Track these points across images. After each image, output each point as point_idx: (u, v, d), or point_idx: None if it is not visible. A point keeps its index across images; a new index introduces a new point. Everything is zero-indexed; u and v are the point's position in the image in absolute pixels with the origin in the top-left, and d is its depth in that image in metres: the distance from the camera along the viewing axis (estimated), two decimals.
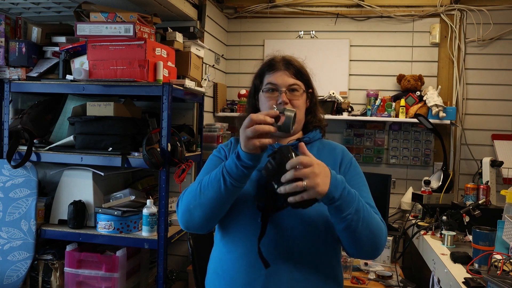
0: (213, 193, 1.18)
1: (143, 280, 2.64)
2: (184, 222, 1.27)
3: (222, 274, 1.29)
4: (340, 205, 1.11)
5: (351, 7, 3.30)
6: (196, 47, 2.70)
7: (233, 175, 1.14)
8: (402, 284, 2.43)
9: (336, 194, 1.08)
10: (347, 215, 1.12)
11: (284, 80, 1.34)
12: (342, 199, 1.10)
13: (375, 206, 1.30)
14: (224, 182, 1.15)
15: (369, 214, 1.18)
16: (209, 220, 1.24)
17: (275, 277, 1.22)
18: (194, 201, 1.22)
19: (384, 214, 2.69)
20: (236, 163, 1.13)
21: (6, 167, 2.42)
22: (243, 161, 1.12)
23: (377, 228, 1.21)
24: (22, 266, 2.35)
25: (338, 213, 1.12)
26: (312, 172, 1.03)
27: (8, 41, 2.43)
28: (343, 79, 3.31)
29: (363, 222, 1.15)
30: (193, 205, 1.22)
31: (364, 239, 1.18)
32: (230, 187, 1.15)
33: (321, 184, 1.04)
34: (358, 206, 1.13)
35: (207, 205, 1.20)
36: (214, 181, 1.18)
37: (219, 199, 1.18)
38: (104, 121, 2.32)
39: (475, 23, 3.11)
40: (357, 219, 1.13)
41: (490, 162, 2.72)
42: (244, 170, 1.13)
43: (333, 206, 1.11)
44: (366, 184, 1.35)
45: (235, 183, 1.15)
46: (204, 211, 1.21)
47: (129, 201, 2.40)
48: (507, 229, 1.82)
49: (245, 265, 1.24)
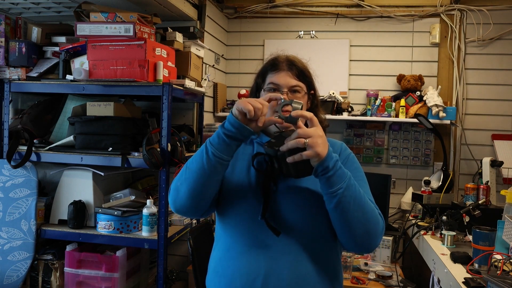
0: (197, 165, 1.19)
1: (143, 280, 2.64)
2: (172, 201, 1.27)
3: (222, 272, 1.29)
4: (332, 176, 1.13)
5: (351, 7, 3.30)
6: (196, 47, 2.70)
7: (214, 144, 1.16)
8: (402, 284, 2.43)
9: (330, 163, 1.12)
10: (337, 189, 1.13)
11: (286, 81, 1.33)
12: (335, 171, 1.13)
13: (374, 201, 1.30)
14: (206, 152, 1.17)
15: (362, 197, 1.18)
16: (194, 197, 1.22)
17: (274, 275, 1.22)
18: (181, 178, 1.24)
19: (384, 214, 2.69)
20: (219, 131, 1.16)
21: (6, 167, 2.42)
22: (225, 128, 1.14)
23: (370, 212, 1.20)
24: (22, 266, 2.35)
25: (329, 187, 1.14)
26: (316, 132, 1.10)
27: (8, 41, 2.43)
28: (343, 79, 3.31)
29: (355, 202, 1.15)
30: (180, 182, 1.24)
31: (356, 223, 1.17)
32: (212, 157, 1.16)
33: (321, 146, 1.10)
34: (349, 182, 1.15)
35: (191, 178, 1.20)
36: (198, 154, 1.20)
37: (202, 172, 1.18)
38: (104, 121, 2.32)
39: (475, 23, 3.11)
40: (348, 196, 1.14)
41: (490, 162, 2.72)
42: (225, 138, 1.14)
43: (325, 178, 1.13)
44: (365, 179, 1.34)
45: (217, 152, 1.15)
46: (188, 186, 1.21)
47: (129, 201, 2.40)
48: (507, 229, 1.82)
49: (244, 264, 1.24)
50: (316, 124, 1.13)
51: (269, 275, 1.22)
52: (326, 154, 1.11)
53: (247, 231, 1.25)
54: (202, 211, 1.28)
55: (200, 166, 1.18)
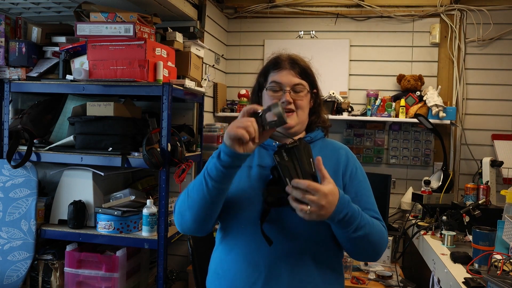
0: (198, 195, 1.19)
1: (143, 280, 2.64)
2: (178, 224, 1.30)
3: (222, 274, 1.29)
4: (341, 225, 1.16)
5: (351, 7, 3.30)
6: (196, 47, 2.70)
7: (213, 176, 1.14)
8: (402, 284, 2.43)
9: (337, 217, 1.13)
10: (347, 231, 1.17)
11: (288, 79, 1.33)
12: (343, 221, 1.14)
13: (378, 211, 1.33)
14: (206, 184, 1.16)
15: (372, 228, 1.21)
16: (200, 222, 1.24)
17: (275, 277, 1.22)
18: (184, 205, 1.24)
19: (384, 214, 2.69)
20: (216, 163, 1.13)
21: (6, 167, 2.42)
22: (222, 160, 1.12)
23: (379, 238, 1.25)
24: (22, 266, 2.35)
25: (339, 228, 1.18)
26: (318, 203, 1.07)
27: (8, 41, 2.43)
28: (343, 79, 3.31)
29: (364, 236, 1.19)
30: (183, 208, 1.25)
31: (365, 248, 1.23)
32: (212, 189, 1.16)
33: (323, 215, 1.09)
34: (360, 224, 1.17)
35: (194, 207, 1.21)
36: (198, 184, 1.19)
37: (205, 201, 1.19)
38: (104, 121, 2.32)
39: (475, 23, 3.11)
40: (358, 234, 1.17)
41: (490, 162, 2.72)
42: (223, 169, 1.12)
43: (333, 223, 1.16)
44: (370, 189, 1.37)
45: (216, 184, 1.15)
46: (193, 213, 1.22)
47: (129, 201, 2.40)
48: (507, 229, 1.82)
49: (245, 266, 1.24)
50: (324, 172, 1.11)
51: (269, 278, 1.22)
52: (329, 215, 1.10)
53: (249, 234, 1.25)
54: (208, 230, 1.30)
55: (202, 197, 1.18)
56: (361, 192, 1.32)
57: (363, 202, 1.31)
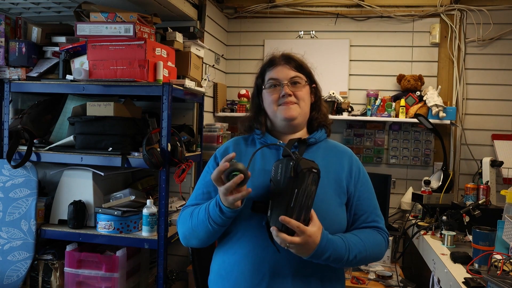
0: (203, 231, 1.26)
1: (143, 280, 2.64)
2: (185, 244, 1.37)
3: (226, 275, 1.29)
4: (329, 263, 1.21)
5: (351, 7, 3.30)
6: (196, 47, 2.70)
7: (218, 222, 1.22)
8: (402, 284, 2.43)
9: (321, 259, 1.18)
10: (339, 265, 1.25)
11: (285, 73, 1.33)
12: (330, 260, 1.20)
13: (380, 214, 1.35)
14: (210, 225, 1.23)
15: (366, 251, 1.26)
16: (207, 243, 1.32)
17: (279, 279, 1.22)
18: (189, 233, 1.31)
19: (384, 214, 2.69)
20: (220, 215, 1.20)
21: (6, 167, 2.42)
22: (226, 214, 1.19)
23: (375, 254, 1.30)
24: (22, 266, 2.35)
25: (331, 264, 1.23)
26: (298, 243, 1.12)
27: (8, 41, 2.43)
28: (343, 79, 3.31)
29: (359, 262, 1.26)
30: (189, 235, 1.32)
31: (362, 263, 1.30)
32: (217, 228, 1.23)
33: (301, 253, 1.16)
34: (349, 257, 1.22)
35: (200, 237, 1.29)
36: (202, 223, 1.25)
37: (210, 234, 1.26)
38: (104, 121, 2.32)
39: (475, 23, 3.11)
40: (349, 263, 1.24)
41: (490, 162, 2.71)
42: (226, 220, 1.21)
43: (321, 262, 1.21)
44: (373, 191, 1.38)
45: (222, 227, 1.24)
46: (199, 241, 1.30)
47: (129, 201, 2.40)
48: (507, 229, 1.82)
49: (249, 267, 1.24)
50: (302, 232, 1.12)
51: (273, 279, 1.22)
52: (310, 254, 1.15)
53: (252, 236, 1.25)
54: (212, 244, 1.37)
55: (207, 232, 1.26)
56: (364, 195, 1.33)
57: (365, 205, 1.32)
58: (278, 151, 1.32)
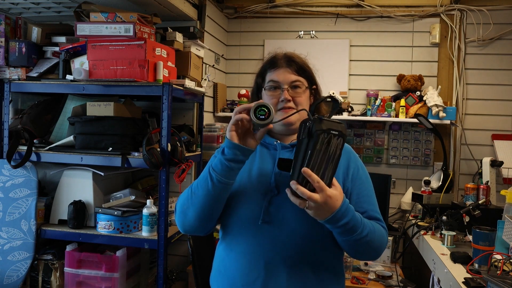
0: (202, 191, 1.20)
1: (143, 280, 2.64)
2: (180, 224, 1.30)
3: (224, 272, 1.30)
4: (342, 232, 1.17)
5: (351, 7, 3.30)
6: (196, 47, 2.70)
7: (218, 171, 1.16)
8: (402, 284, 2.43)
9: (337, 224, 1.14)
10: (348, 239, 1.19)
11: (286, 77, 1.33)
12: (345, 229, 1.16)
13: (379, 211, 1.34)
14: (211, 179, 1.18)
15: (373, 234, 1.22)
16: (202, 219, 1.25)
17: (274, 276, 1.22)
18: (187, 202, 1.25)
19: (384, 214, 2.69)
20: (220, 158, 1.16)
21: (6, 167, 2.42)
22: (226, 154, 1.14)
23: (380, 242, 1.26)
24: (22, 266, 2.35)
25: (340, 235, 1.19)
26: (316, 203, 1.08)
27: (8, 41, 2.43)
28: (343, 79, 3.31)
29: (365, 243, 1.20)
30: (186, 206, 1.25)
31: (365, 252, 1.24)
32: (217, 183, 1.17)
33: (319, 215, 1.11)
34: (362, 233, 1.18)
35: (198, 203, 1.22)
36: (203, 180, 1.20)
37: (209, 196, 1.20)
38: (104, 121, 2.32)
39: (475, 23, 3.11)
40: (359, 241, 1.19)
41: (490, 162, 2.71)
42: (227, 163, 1.15)
43: (335, 230, 1.18)
44: (372, 189, 1.37)
45: (221, 179, 1.17)
46: (196, 210, 1.23)
47: (129, 201, 2.40)
48: (507, 229, 1.82)
49: (245, 264, 1.25)
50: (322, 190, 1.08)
51: (269, 276, 1.22)
52: (325, 219, 1.12)
53: (249, 233, 1.25)
54: (209, 229, 1.31)
55: (206, 193, 1.20)
56: (363, 192, 1.32)
57: (365, 202, 1.31)
58: (276, 151, 1.33)
